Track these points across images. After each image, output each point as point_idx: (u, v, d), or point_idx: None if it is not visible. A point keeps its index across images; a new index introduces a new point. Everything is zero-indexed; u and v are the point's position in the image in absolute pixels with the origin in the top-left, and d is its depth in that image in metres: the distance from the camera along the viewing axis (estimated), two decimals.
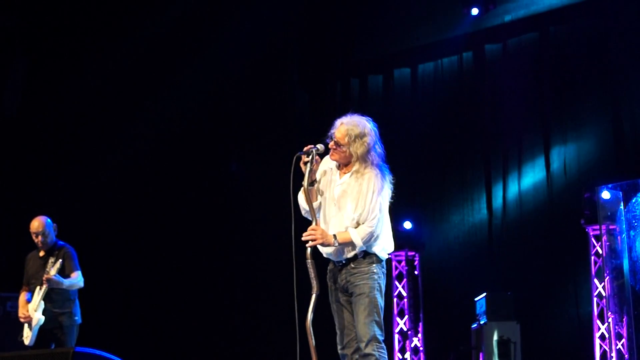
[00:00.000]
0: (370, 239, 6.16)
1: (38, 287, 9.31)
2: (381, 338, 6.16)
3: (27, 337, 9.32)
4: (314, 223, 6.24)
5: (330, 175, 6.41)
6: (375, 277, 6.23)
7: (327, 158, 6.41)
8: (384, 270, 6.35)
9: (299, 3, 14.29)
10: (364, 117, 6.36)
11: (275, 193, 9.40)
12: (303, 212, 6.43)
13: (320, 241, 6.14)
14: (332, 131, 6.31)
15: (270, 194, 12.93)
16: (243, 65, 14.46)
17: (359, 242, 6.14)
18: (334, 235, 6.16)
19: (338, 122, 6.31)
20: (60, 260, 9.24)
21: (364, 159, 6.24)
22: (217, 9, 14.33)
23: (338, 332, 6.40)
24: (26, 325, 9.40)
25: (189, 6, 14.18)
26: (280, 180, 7.28)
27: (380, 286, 6.25)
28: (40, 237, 9.47)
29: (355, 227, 6.19)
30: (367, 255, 6.25)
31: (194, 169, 14.72)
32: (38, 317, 9.25)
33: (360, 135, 6.22)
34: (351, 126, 6.24)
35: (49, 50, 14.13)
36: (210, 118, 14.84)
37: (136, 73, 14.33)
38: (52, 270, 9.16)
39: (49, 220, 9.54)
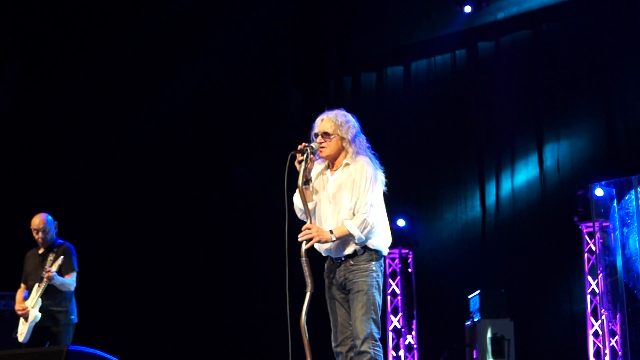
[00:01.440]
0: (365, 226, 6.14)
1: (37, 285, 9.30)
2: (377, 336, 6.15)
3: (22, 333, 9.31)
4: (308, 222, 6.24)
5: (322, 176, 6.44)
6: (374, 274, 6.23)
7: (317, 163, 6.44)
8: (382, 268, 6.36)
9: (292, 2, 14.29)
10: (342, 110, 6.49)
11: (270, 191, 9.42)
12: (299, 214, 6.43)
13: (317, 239, 6.14)
14: (314, 131, 6.39)
15: (265, 192, 12.96)
16: (236, 64, 14.46)
17: (357, 233, 6.13)
18: (331, 231, 6.17)
19: (318, 120, 6.42)
20: (62, 256, 9.25)
21: (353, 142, 6.33)
22: (211, 9, 14.32)
23: (333, 329, 6.39)
24: (21, 321, 9.39)
25: (183, 6, 14.16)
26: (274, 179, 7.29)
27: (378, 284, 6.26)
28: (40, 234, 9.47)
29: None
30: (366, 251, 6.25)
31: (188, 168, 14.72)
32: (35, 314, 9.24)
33: (346, 121, 6.37)
34: (333, 115, 6.39)
35: (43, 49, 14.10)
36: (204, 117, 14.83)
37: (131, 71, 14.33)
38: (54, 267, 9.17)
39: (50, 217, 9.55)
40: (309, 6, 14.61)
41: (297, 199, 6.38)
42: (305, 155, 6.25)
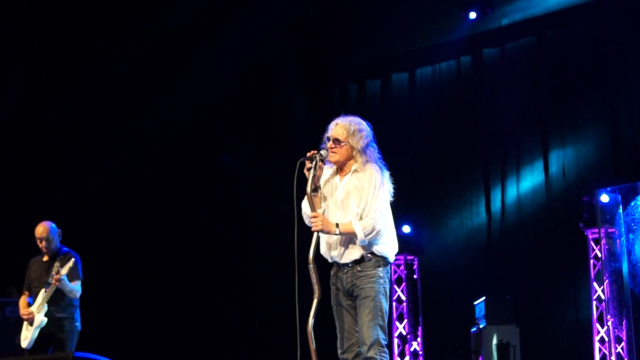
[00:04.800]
0: (372, 232, 6.17)
1: (42, 290, 9.31)
2: (384, 342, 6.18)
3: (26, 339, 9.33)
4: None
5: (331, 182, 6.45)
6: (382, 281, 6.26)
7: (326, 168, 6.44)
8: (389, 275, 6.38)
9: (297, 9, 14.27)
10: (357, 117, 6.47)
11: (276, 199, 9.40)
12: (307, 221, 6.42)
13: (320, 227, 6.17)
14: (327, 134, 6.39)
15: (271, 199, 12.94)
16: (241, 71, 14.46)
17: (360, 235, 6.16)
18: (337, 224, 6.19)
19: (332, 123, 6.42)
20: (72, 259, 9.28)
21: (364, 152, 6.34)
22: (215, 16, 14.32)
23: (339, 336, 6.40)
24: (25, 327, 9.41)
25: (187, 13, 14.16)
26: (281, 186, 7.28)
27: (385, 290, 6.28)
28: (44, 243, 9.48)
29: None
30: (374, 257, 6.27)
31: (193, 175, 14.71)
32: (40, 319, 9.26)
33: (359, 130, 6.36)
34: (347, 122, 6.38)
35: (47, 56, 14.11)
36: (208, 124, 14.81)
37: (134, 79, 14.31)
38: (64, 270, 9.17)
39: (53, 225, 9.57)
40: (313, 13, 14.59)
41: (305, 206, 6.40)
42: (314, 163, 6.26)
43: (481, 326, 12.02)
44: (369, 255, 6.27)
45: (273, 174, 13.24)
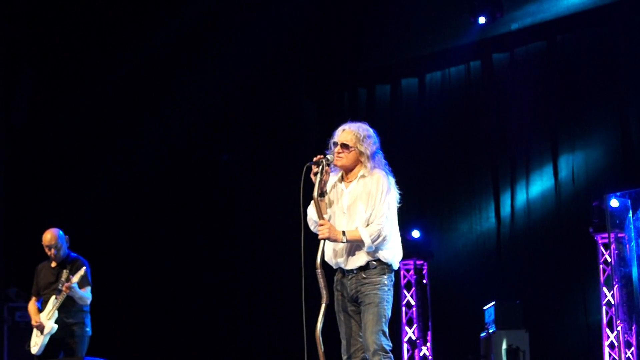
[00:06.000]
0: (378, 237, 6.16)
1: (53, 297, 9.30)
2: (389, 348, 6.17)
3: (36, 345, 9.33)
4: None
5: (337, 188, 6.44)
6: (386, 288, 6.26)
7: (331, 174, 6.43)
8: (393, 282, 6.38)
9: (306, 14, 14.29)
10: (365, 123, 6.48)
11: (285, 204, 9.40)
12: (312, 226, 6.42)
13: (327, 235, 6.16)
14: (333, 140, 6.38)
15: (280, 204, 12.95)
16: (250, 76, 14.47)
17: (367, 241, 6.15)
18: (343, 232, 6.18)
19: (339, 129, 6.41)
20: (84, 267, 9.27)
21: (372, 158, 6.33)
22: (225, 20, 14.34)
23: (343, 341, 6.40)
24: (34, 333, 9.41)
25: (196, 17, 14.19)
26: (289, 191, 7.27)
27: (389, 298, 6.28)
28: (53, 250, 9.45)
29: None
30: (379, 264, 6.26)
31: (200, 180, 14.73)
32: (51, 326, 9.25)
33: (367, 136, 6.36)
34: (356, 128, 6.38)
35: (57, 60, 14.15)
36: (217, 129, 14.84)
37: (143, 83, 14.35)
38: (75, 277, 9.16)
39: (61, 232, 9.53)
40: (322, 17, 14.60)
41: (311, 210, 6.38)
42: (320, 167, 6.25)
43: (491, 331, 12.01)
44: (374, 263, 6.26)
45: (281, 178, 13.25)
